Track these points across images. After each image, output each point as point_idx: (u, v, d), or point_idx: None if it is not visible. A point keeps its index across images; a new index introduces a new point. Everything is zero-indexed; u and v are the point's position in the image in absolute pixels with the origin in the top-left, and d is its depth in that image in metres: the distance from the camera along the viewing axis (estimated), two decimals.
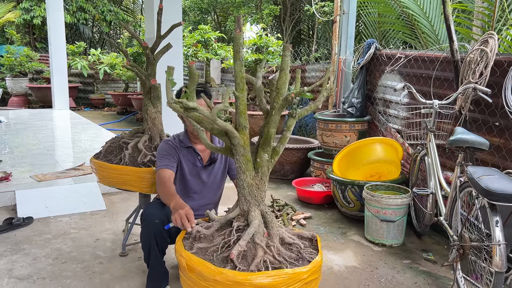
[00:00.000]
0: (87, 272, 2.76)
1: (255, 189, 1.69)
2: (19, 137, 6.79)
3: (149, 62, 2.97)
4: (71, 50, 11.52)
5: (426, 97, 3.64)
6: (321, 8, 8.32)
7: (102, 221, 3.64)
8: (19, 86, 11.59)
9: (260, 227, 1.68)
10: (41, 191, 4.02)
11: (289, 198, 4.45)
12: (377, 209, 3.30)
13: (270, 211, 1.79)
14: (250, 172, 1.69)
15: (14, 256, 2.94)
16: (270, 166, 1.73)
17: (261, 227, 1.69)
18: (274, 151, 1.72)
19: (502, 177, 2.20)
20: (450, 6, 3.48)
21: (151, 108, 3.00)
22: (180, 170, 2.50)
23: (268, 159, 1.69)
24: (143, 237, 2.35)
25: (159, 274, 2.41)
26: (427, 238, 3.50)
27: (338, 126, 4.51)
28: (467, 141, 2.54)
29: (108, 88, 12.51)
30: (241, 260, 1.60)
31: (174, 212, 1.98)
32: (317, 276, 1.71)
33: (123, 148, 2.95)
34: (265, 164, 1.70)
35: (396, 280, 2.80)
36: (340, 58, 5.05)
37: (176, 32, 4.11)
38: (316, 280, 1.70)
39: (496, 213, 2.13)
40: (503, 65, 3.02)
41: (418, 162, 3.50)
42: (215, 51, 6.92)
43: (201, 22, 13.60)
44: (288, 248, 1.76)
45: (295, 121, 1.71)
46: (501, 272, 2.08)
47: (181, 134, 2.57)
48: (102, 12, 14.10)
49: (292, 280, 1.55)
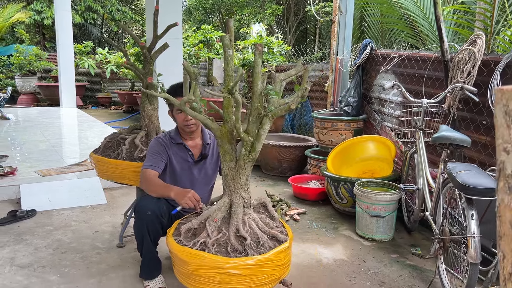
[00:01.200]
0: (85, 262, 2.89)
1: (229, 179, 1.81)
2: (27, 134, 6.97)
3: (146, 61, 3.09)
4: (79, 50, 11.72)
5: (419, 96, 3.73)
6: (323, 9, 8.40)
7: (102, 214, 3.77)
8: (28, 85, 11.82)
9: (216, 213, 1.82)
10: (45, 185, 4.16)
11: (285, 194, 4.56)
12: (367, 205, 3.39)
13: (244, 202, 1.91)
14: (227, 162, 1.81)
15: (17, 246, 3.08)
16: (247, 160, 1.84)
17: (217, 213, 1.83)
18: (252, 147, 1.83)
19: (479, 173, 2.29)
20: (441, 8, 3.56)
21: (147, 105, 3.12)
22: (170, 166, 2.61)
23: (245, 153, 1.80)
24: (136, 228, 2.47)
25: (152, 263, 2.53)
26: (417, 234, 3.58)
27: (334, 125, 4.60)
28: (449, 138, 2.63)
29: (115, 87, 12.69)
30: (190, 235, 1.87)
31: (181, 198, 2.18)
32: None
33: (120, 144, 3.08)
34: (241, 157, 1.81)
35: (382, 273, 2.89)
36: (338, 57, 5.14)
37: (175, 32, 4.23)
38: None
39: (472, 207, 2.22)
40: (490, 65, 3.09)
41: (408, 159, 3.58)
42: (217, 50, 7.05)
43: (206, 21, 13.72)
44: (239, 241, 1.84)
45: (268, 119, 1.81)
46: (475, 264, 2.17)
47: (172, 131, 2.68)
48: (110, 11, 14.29)
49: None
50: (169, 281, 2.63)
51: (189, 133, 2.61)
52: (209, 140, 2.70)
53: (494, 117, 0.63)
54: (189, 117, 2.51)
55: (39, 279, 2.65)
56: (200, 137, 2.70)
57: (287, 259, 1.87)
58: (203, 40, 7.18)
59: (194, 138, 2.67)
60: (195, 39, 7.37)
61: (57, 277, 2.67)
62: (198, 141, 2.69)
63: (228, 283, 1.69)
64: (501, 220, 0.64)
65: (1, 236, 3.23)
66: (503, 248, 0.64)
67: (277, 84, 1.90)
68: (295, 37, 11.99)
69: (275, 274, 1.79)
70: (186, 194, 2.21)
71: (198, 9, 14.00)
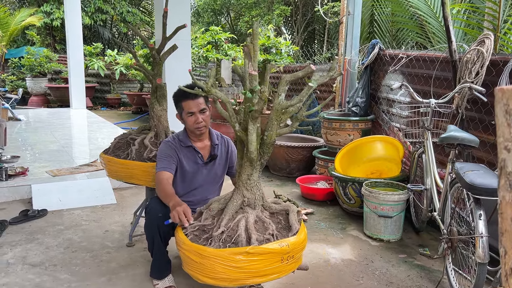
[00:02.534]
0: (95, 261, 2.93)
1: (237, 176, 1.92)
2: (37, 134, 7.06)
3: (155, 62, 3.13)
4: (88, 51, 11.84)
5: (427, 96, 3.72)
6: (331, 9, 8.40)
7: (112, 214, 3.82)
8: (38, 86, 11.97)
9: (215, 203, 2.11)
10: (56, 185, 4.22)
11: (293, 195, 4.57)
12: (375, 205, 3.39)
13: (244, 201, 2.08)
14: (237, 160, 1.91)
15: (29, 245, 3.14)
16: (246, 158, 1.98)
17: (216, 203, 2.11)
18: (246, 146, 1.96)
19: (487, 173, 2.29)
20: (449, 8, 3.55)
21: (157, 106, 3.15)
22: (180, 168, 2.63)
23: (244, 152, 1.90)
24: (147, 229, 2.50)
25: (162, 263, 2.57)
26: (425, 234, 3.58)
27: (342, 125, 4.61)
28: (457, 138, 2.63)
29: (124, 88, 12.79)
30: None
31: (173, 210, 2.18)
32: None
33: (130, 144, 3.12)
34: (243, 156, 1.91)
35: (390, 273, 2.89)
36: (346, 58, 5.14)
37: (183, 34, 4.27)
38: None
39: (480, 207, 2.22)
40: (498, 65, 3.08)
41: (416, 159, 3.58)
42: (225, 51, 7.09)
43: (214, 23, 13.79)
44: (218, 234, 1.99)
45: (250, 120, 1.94)
46: (484, 263, 2.17)
47: (181, 134, 2.68)
48: (121, 13, 14.40)
49: None
50: (178, 280, 2.66)
51: (199, 135, 2.62)
52: (217, 141, 2.71)
53: (495, 116, 0.65)
54: (200, 119, 2.54)
55: (51, 277, 2.69)
56: (208, 138, 2.72)
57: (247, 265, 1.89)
58: (211, 41, 7.23)
59: (203, 139, 2.69)
60: (203, 41, 7.41)
61: (68, 276, 2.72)
62: (206, 142, 2.71)
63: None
64: (502, 217, 0.65)
65: (13, 235, 3.29)
66: (505, 244, 0.65)
67: (282, 85, 1.92)
68: (303, 37, 12.00)
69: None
70: (177, 207, 2.17)
71: (207, 10, 14.06)
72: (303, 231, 2.08)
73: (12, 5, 16.28)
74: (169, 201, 2.31)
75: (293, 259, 1.99)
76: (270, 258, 1.87)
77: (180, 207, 2.17)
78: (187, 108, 2.54)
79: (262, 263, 1.86)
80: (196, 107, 2.52)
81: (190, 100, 2.52)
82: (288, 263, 1.96)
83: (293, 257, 1.99)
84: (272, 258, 1.88)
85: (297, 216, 2.12)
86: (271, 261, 1.88)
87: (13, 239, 3.23)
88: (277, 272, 1.94)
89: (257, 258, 1.84)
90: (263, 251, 1.85)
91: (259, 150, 2.06)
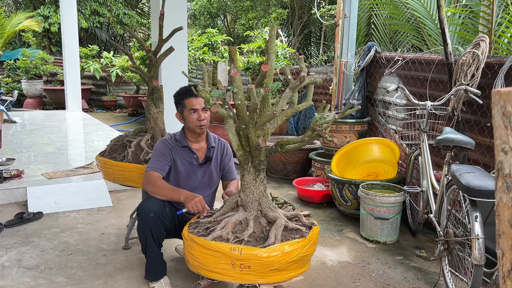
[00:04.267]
0: (91, 263, 2.92)
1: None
2: (33, 137, 7.03)
3: (152, 64, 3.13)
4: (84, 53, 11.81)
5: (423, 99, 3.73)
6: (328, 12, 8.43)
7: (108, 216, 3.80)
8: (34, 88, 11.92)
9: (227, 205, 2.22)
10: (51, 188, 4.20)
11: (290, 197, 4.57)
12: (371, 207, 3.40)
13: (238, 201, 2.16)
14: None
15: (24, 248, 3.12)
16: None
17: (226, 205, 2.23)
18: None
19: (483, 175, 2.30)
20: (444, 11, 3.57)
21: (153, 108, 3.15)
22: (175, 169, 2.64)
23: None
24: (140, 230, 2.50)
25: (156, 264, 2.56)
26: (421, 236, 3.58)
27: (338, 127, 4.61)
28: (453, 140, 2.64)
29: (120, 90, 12.77)
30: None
31: (189, 201, 2.30)
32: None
33: (126, 146, 3.11)
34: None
35: (386, 275, 2.90)
36: (342, 60, 5.15)
37: (180, 36, 4.26)
38: None
39: (476, 209, 2.23)
40: (493, 67, 3.10)
41: (412, 161, 3.59)
42: (221, 54, 7.09)
43: (211, 26, 13.80)
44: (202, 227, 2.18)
45: (226, 120, 1.99)
46: (480, 265, 2.17)
47: (178, 134, 2.70)
48: (117, 15, 14.38)
49: None
50: (174, 283, 2.65)
51: (199, 134, 2.64)
52: (213, 143, 2.72)
53: (492, 119, 0.65)
54: (203, 116, 2.57)
55: (46, 280, 2.68)
56: (205, 140, 2.73)
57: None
58: (207, 44, 7.23)
59: (200, 141, 2.70)
60: (199, 43, 7.41)
61: (64, 279, 2.70)
62: (203, 144, 2.72)
63: None
64: (500, 219, 0.65)
65: (9, 238, 3.27)
66: (502, 245, 0.65)
67: (284, 99, 1.99)
68: (299, 40, 12.02)
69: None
70: (194, 198, 2.32)
71: (203, 13, 14.07)
72: (282, 250, 1.94)
73: (8, 7, 16.23)
74: (179, 195, 2.41)
75: (250, 270, 1.93)
76: (218, 257, 1.95)
77: (197, 197, 2.32)
78: (190, 105, 2.57)
79: (209, 259, 1.98)
80: (199, 105, 2.57)
81: (193, 97, 2.56)
82: (243, 272, 1.93)
83: (250, 268, 1.92)
84: (220, 257, 1.95)
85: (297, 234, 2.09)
86: (218, 260, 1.95)
87: (8, 242, 3.21)
88: (228, 276, 1.97)
89: (205, 252, 1.98)
90: (211, 247, 1.96)
91: (249, 154, 2.09)
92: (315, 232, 2.13)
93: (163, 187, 2.49)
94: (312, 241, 2.08)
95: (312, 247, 2.09)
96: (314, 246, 2.11)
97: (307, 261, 2.13)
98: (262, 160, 2.08)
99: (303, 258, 2.03)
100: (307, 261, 2.14)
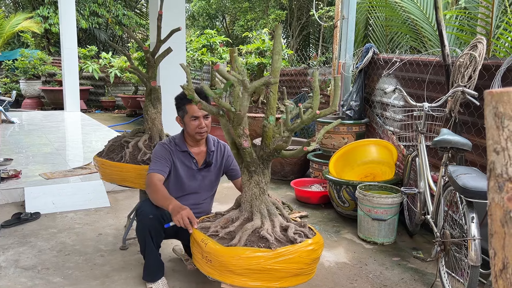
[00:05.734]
0: (89, 264, 2.92)
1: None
2: (31, 137, 7.02)
3: (150, 65, 3.13)
4: (83, 54, 11.80)
5: (420, 100, 3.74)
6: (327, 13, 8.44)
7: (106, 217, 3.80)
8: (32, 89, 11.90)
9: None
10: (49, 188, 4.20)
11: (288, 198, 4.58)
12: (369, 208, 3.40)
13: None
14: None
15: (21, 248, 3.11)
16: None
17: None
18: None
19: (479, 176, 2.31)
20: (442, 13, 3.58)
21: (151, 108, 3.15)
22: (175, 172, 2.62)
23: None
24: (138, 231, 2.50)
25: (154, 265, 2.56)
26: (419, 237, 3.59)
27: (336, 128, 4.62)
28: (450, 141, 2.64)
29: (119, 91, 12.76)
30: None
31: (176, 214, 2.15)
32: None
33: (124, 147, 3.11)
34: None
35: (383, 276, 2.90)
36: (340, 62, 5.16)
37: (179, 37, 4.27)
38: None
39: (472, 210, 2.24)
40: (491, 69, 3.11)
41: (410, 162, 3.60)
42: (220, 55, 7.09)
43: (209, 27, 13.81)
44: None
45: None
46: (476, 266, 2.18)
47: (177, 137, 2.68)
48: (116, 16, 14.37)
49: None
50: (171, 283, 2.65)
51: (199, 140, 2.62)
52: (213, 147, 2.70)
53: (485, 119, 0.66)
54: (204, 124, 2.52)
55: (43, 280, 2.68)
56: (205, 144, 2.71)
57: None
58: (206, 45, 7.23)
59: (199, 145, 2.68)
60: (198, 44, 7.42)
61: (61, 279, 2.70)
62: (202, 148, 2.69)
63: None
64: (492, 218, 0.66)
65: (6, 238, 3.27)
66: (494, 245, 0.66)
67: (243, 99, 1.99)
68: (298, 41, 12.04)
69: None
70: (181, 211, 2.16)
71: (202, 14, 14.08)
72: (239, 254, 1.89)
73: (7, 7, 16.22)
74: (167, 204, 2.27)
75: (211, 264, 1.95)
76: (195, 244, 2.09)
77: (184, 211, 2.16)
78: (192, 112, 2.52)
79: (193, 244, 2.13)
80: (201, 112, 2.50)
81: (195, 104, 2.51)
82: (207, 264, 1.99)
83: (211, 262, 1.95)
84: (195, 245, 2.09)
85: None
86: (196, 246, 2.07)
87: (5, 242, 3.20)
88: (199, 263, 2.06)
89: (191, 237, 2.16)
90: (194, 234, 2.12)
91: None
92: (291, 250, 1.92)
93: (158, 193, 2.41)
94: (279, 256, 1.88)
95: (280, 263, 1.89)
96: (284, 263, 1.89)
97: (275, 275, 1.90)
98: (249, 162, 2.05)
99: (266, 269, 1.87)
100: (276, 275, 1.90)
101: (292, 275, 1.94)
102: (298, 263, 1.93)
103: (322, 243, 2.11)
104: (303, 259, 1.93)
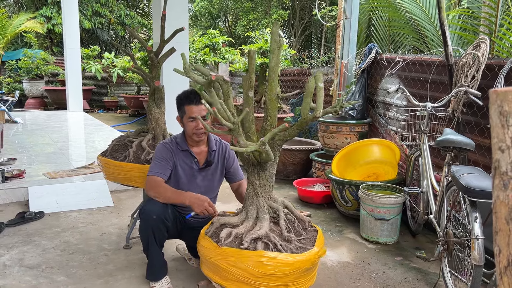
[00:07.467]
0: (92, 263, 2.93)
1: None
2: (34, 137, 7.05)
3: (153, 65, 3.14)
4: (86, 54, 11.83)
5: (423, 100, 3.75)
6: (329, 13, 8.45)
7: (109, 216, 3.81)
8: (35, 89, 11.94)
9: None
10: (53, 188, 4.22)
11: (290, 198, 4.58)
12: (371, 208, 3.41)
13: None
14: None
15: (25, 247, 3.13)
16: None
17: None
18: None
19: (482, 176, 2.31)
20: (445, 12, 3.58)
21: (154, 108, 3.16)
22: (175, 173, 2.62)
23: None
24: (142, 231, 2.51)
25: (158, 264, 2.56)
26: (421, 237, 3.59)
27: (339, 128, 4.63)
28: (453, 141, 2.64)
29: (121, 91, 12.79)
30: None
31: (198, 205, 2.30)
32: None
33: (128, 146, 3.13)
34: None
35: (386, 275, 2.90)
36: (343, 62, 5.17)
37: (182, 37, 4.28)
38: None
39: (475, 210, 2.24)
40: (494, 69, 3.11)
41: (412, 162, 3.60)
42: (222, 55, 7.11)
43: (212, 27, 13.83)
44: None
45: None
46: (479, 266, 2.18)
47: (179, 137, 2.68)
48: (119, 16, 14.40)
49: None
50: (175, 282, 2.66)
51: (198, 141, 2.63)
52: (214, 146, 2.70)
53: (490, 118, 0.66)
54: (200, 125, 2.52)
55: (47, 279, 2.69)
56: (206, 144, 2.71)
57: None
58: (209, 45, 7.25)
59: (201, 144, 2.68)
60: (201, 44, 7.43)
61: (65, 278, 2.71)
62: (203, 147, 2.69)
63: None
64: (497, 216, 0.66)
65: (10, 237, 3.28)
66: (499, 242, 0.66)
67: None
68: (300, 41, 12.04)
69: None
70: (203, 203, 2.31)
71: (204, 14, 14.10)
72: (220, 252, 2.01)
73: (10, 7, 16.27)
74: (183, 198, 2.39)
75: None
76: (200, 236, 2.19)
77: (205, 201, 2.32)
78: (189, 112, 2.53)
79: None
80: (199, 113, 2.51)
81: (193, 105, 2.51)
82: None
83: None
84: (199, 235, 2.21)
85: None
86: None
87: (9, 241, 3.22)
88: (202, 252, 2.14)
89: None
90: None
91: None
92: (271, 256, 1.90)
93: (166, 191, 2.46)
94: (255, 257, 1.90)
95: (263, 266, 1.88)
96: (263, 267, 1.88)
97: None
98: (250, 166, 2.08)
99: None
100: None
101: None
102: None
103: (321, 254, 2.13)
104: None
